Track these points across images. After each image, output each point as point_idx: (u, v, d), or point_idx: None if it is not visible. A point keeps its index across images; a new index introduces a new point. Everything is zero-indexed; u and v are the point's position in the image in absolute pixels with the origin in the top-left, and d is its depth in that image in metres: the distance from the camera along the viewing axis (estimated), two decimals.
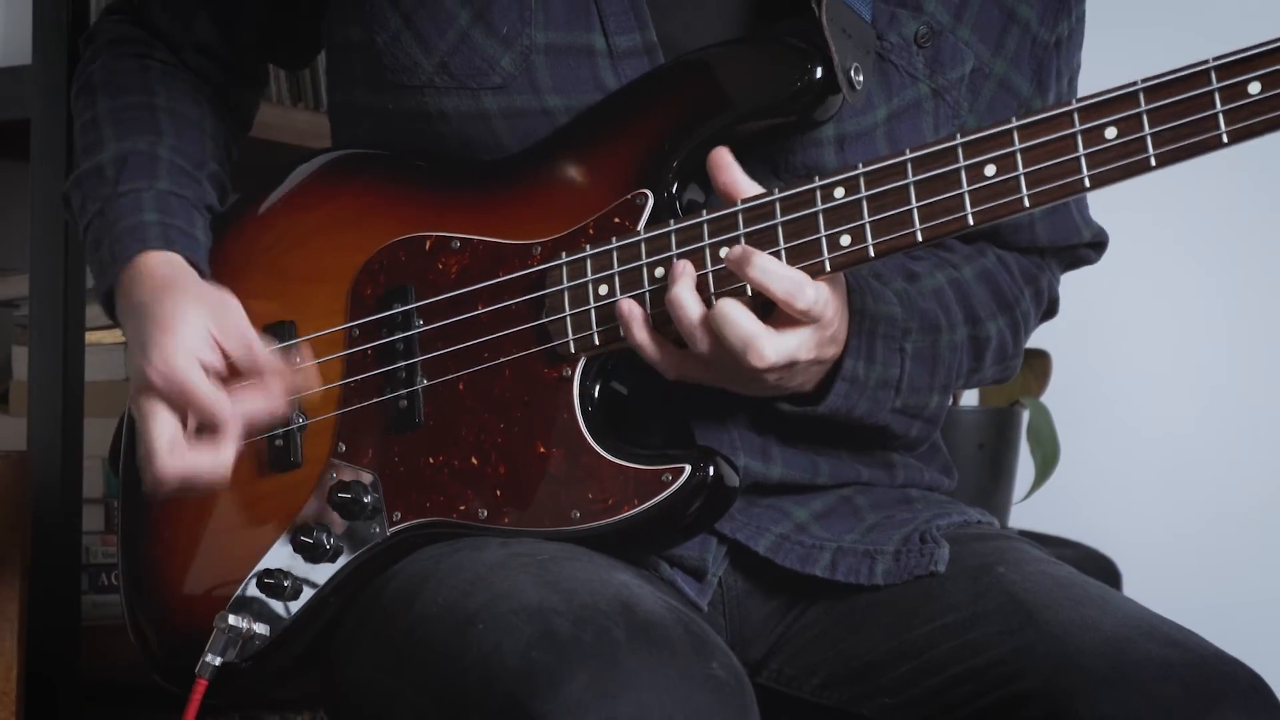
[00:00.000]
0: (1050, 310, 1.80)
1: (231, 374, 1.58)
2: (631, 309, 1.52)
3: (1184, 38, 3.00)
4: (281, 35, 1.80)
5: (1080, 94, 1.73)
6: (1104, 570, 2.92)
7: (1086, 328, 2.83)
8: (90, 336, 2.25)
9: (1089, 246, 1.80)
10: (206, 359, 1.56)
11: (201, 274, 1.65)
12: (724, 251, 1.50)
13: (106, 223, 1.66)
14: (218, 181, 1.74)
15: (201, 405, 1.55)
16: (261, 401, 1.58)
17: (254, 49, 1.80)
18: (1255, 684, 1.47)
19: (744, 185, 1.52)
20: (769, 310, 1.50)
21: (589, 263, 1.55)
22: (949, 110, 1.65)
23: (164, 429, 1.56)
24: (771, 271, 1.48)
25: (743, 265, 1.48)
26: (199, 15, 1.77)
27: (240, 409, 1.56)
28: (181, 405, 1.56)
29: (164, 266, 1.63)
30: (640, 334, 1.52)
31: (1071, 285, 1.82)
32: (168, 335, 1.56)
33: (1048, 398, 2.93)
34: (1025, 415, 2.90)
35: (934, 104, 1.64)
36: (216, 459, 1.56)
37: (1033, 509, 2.96)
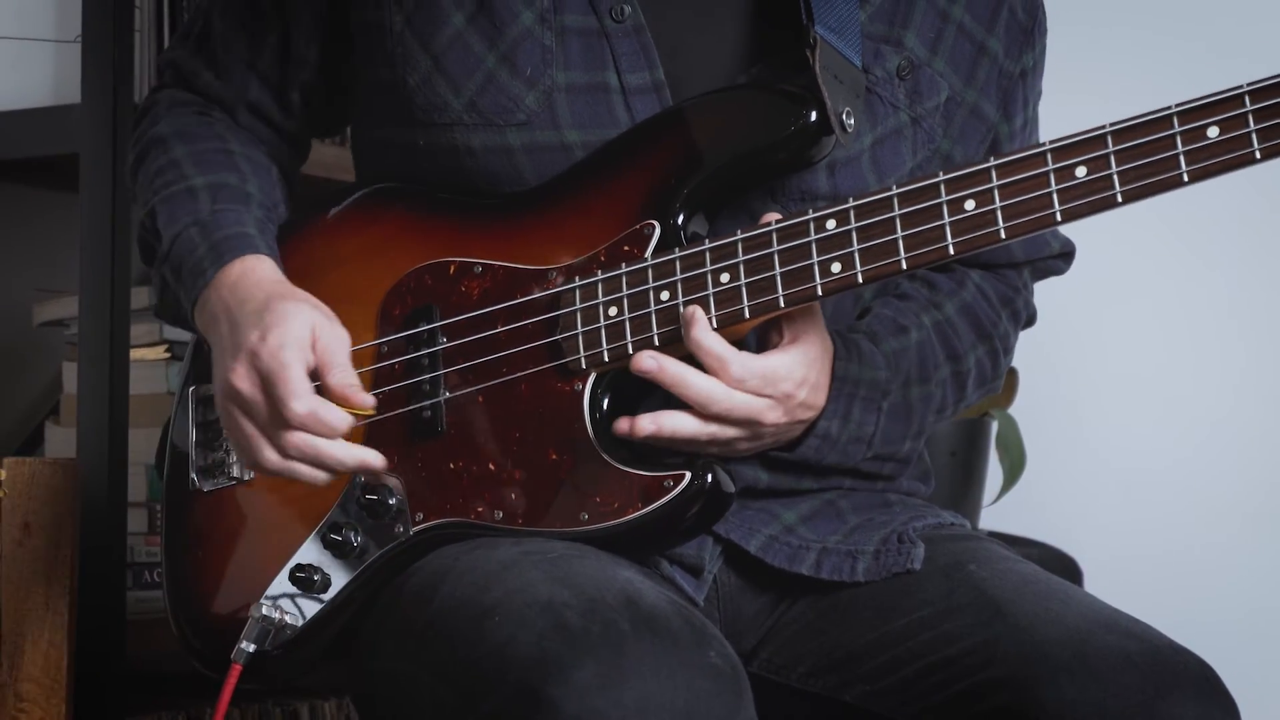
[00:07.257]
0: (1029, 321, 1.82)
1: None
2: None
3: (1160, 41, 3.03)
4: (325, 97, 1.77)
5: (1040, 116, 1.78)
6: (1066, 568, 2.92)
7: (1051, 345, 2.83)
8: (134, 353, 2.25)
9: (1058, 257, 1.82)
10: (304, 355, 1.55)
11: None
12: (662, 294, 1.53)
13: (204, 231, 1.64)
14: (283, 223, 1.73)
15: (282, 392, 1.53)
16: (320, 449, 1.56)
17: (299, 112, 1.77)
18: (1205, 673, 1.48)
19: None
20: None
21: (600, 286, 1.57)
22: (925, 136, 1.67)
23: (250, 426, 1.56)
24: (702, 343, 1.52)
25: (687, 326, 1.52)
26: (250, 78, 1.75)
27: (298, 441, 1.55)
28: (267, 387, 1.55)
29: (275, 272, 1.63)
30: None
31: (1039, 307, 1.83)
32: (281, 325, 1.55)
33: (1015, 409, 2.93)
34: (994, 425, 2.90)
35: (913, 130, 1.65)
36: (314, 474, 1.57)
37: (1001, 512, 2.96)
